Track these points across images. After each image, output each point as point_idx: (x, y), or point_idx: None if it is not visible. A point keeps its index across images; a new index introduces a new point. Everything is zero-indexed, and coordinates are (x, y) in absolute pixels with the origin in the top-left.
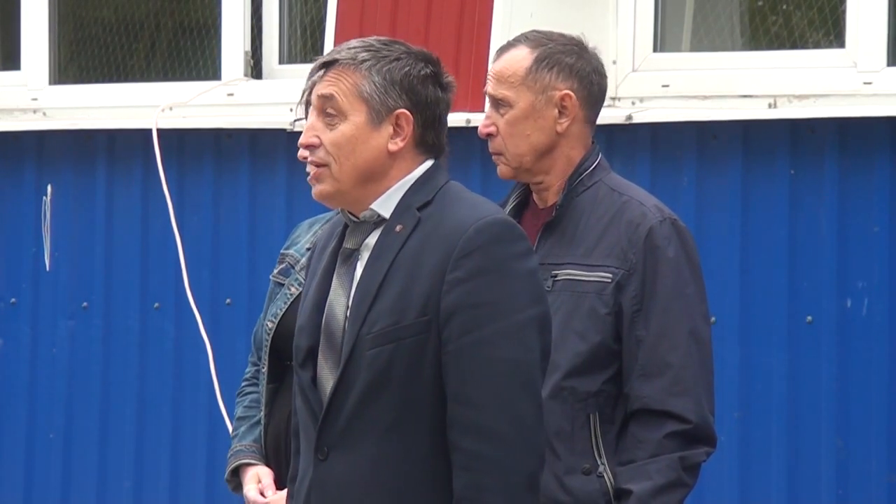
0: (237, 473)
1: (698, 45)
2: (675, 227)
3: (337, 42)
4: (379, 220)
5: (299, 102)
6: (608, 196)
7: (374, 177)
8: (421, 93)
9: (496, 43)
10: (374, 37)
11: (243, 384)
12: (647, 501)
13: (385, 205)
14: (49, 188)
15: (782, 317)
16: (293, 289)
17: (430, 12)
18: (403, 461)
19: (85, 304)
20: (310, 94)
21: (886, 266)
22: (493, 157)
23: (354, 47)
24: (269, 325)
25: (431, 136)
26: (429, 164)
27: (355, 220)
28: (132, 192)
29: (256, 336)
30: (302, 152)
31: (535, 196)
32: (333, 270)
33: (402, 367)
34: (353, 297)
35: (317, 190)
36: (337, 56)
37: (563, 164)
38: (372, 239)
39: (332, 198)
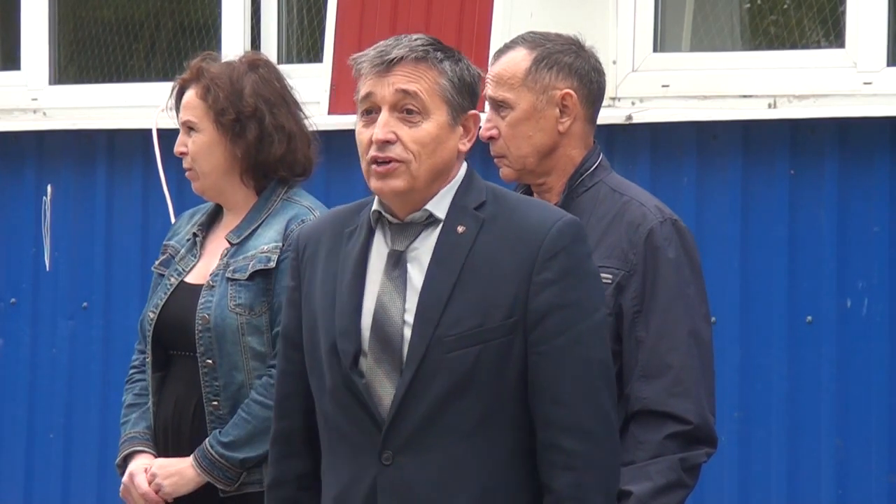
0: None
1: (698, 45)
2: (675, 228)
3: (337, 42)
4: (427, 221)
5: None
6: (609, 196)
7: (442, 176)
8: (478, 95)
9: (496, 43)
10: (425, 34)
11: (132, 371)
12: (647, 502)
13: (438, 205)
14: (49, 188)
15: (782, 317)
16: (173, 279)
17: (430, 12)
18: (487, 461)
19: (85, 304)
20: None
21: (886, 266)
22: (496, 161)
23: (424, 44)
24: (151, 315)
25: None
26: (465, 165)
27: (397, 221)
28: (132, 192)
29: (143, 325)
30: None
31: (536, 197)
32: (363, 272)
33: (488, 368)
34: (420, 300)
35: (389, 186)
36: (413, 53)
37: (565, 164)
38: (422, 241)
39: (404, 194)
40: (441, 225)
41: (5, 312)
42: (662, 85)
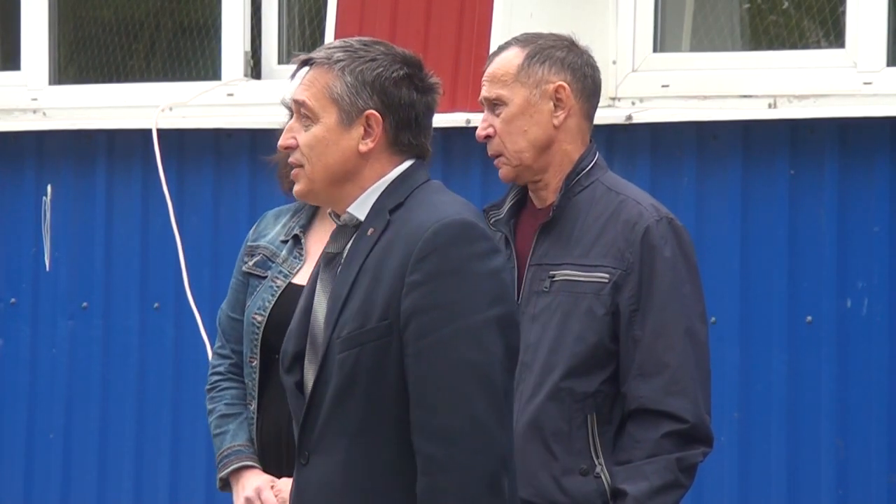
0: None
1: (698, 45)
2: (671, 227)
3: None
4: (358, 224)
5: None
6: (605, 196)
7: (347, 177)
8: (394, 94)
9: (496, 43)
10: (358, 37)
11: (216, 378)
12: (644, 502)
13: (361, 208)
14: (49, 188)
15: (782, 317)
16: (279, 281)
17: (430, 12)
18: (372, 464)
19: (85, 304)
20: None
21: (886, 266)
22: (494, 161)
23: (333, 47)
24: (258, 318)
25: (407, 137)
26: (406, 164)
27: (338, 223)
28: (132, 192)
29: (225, 327)
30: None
31: (532, 195)
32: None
33: (367, 370)
34: (328, 302)
35: (295, 189)
36: (314, 56)
37: (561, 161)
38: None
39: (307, 196)
40: (360, 227)
41: (5, 312)
42: (662, 85)
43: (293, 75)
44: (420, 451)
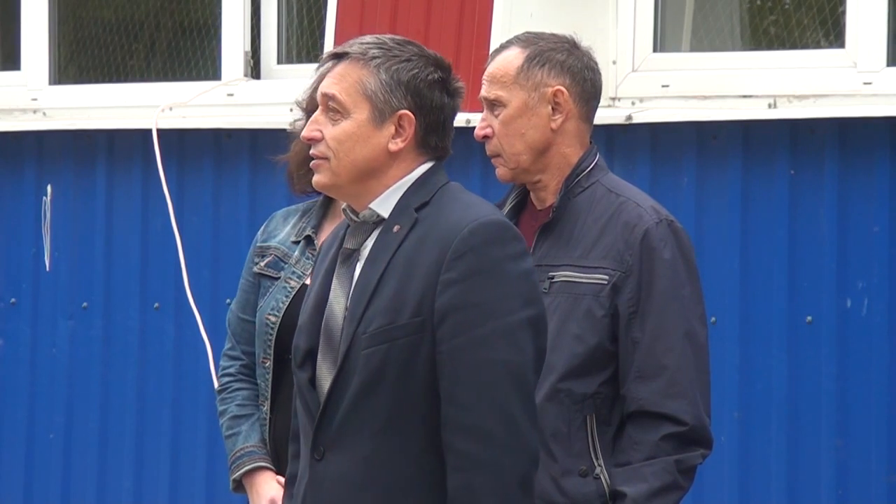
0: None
1: (698, 45)
2: (671, 229)
3: (337, 42)
4: (379, 220)
5: (308, 94)
6: (605, 197)
7: (372, 174)
8: (427, 96)
9: (496, 43)
10: (390, 35)
11: (227, 379)
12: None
13: (383, 205)
14: (49, 188)
15: (782, 317)
16: (292, 282)
17: (430, 12)
18: (396, 460)
19: (85, 304)
20: (318, 85)
21: (886, 266)
22: (492, 161)
23: (367, 43)
24: (272, 319)
25: (434, 139)
26: (428, 164)
27: (356, 220)
28: (132, 192)
29: (235, 329)
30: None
31: (532, 196)
32: (334, 271)
33: (396, 366)
34: (351, 297)
35: (315, 179)
36: (348, 49)
37: (559, 163)
38: (371, 240)
39: (329, 189)
40: (384, 224)
41: (5, 312)
42: (662, 85)
43: (319, 67)
44: (452, 447)
